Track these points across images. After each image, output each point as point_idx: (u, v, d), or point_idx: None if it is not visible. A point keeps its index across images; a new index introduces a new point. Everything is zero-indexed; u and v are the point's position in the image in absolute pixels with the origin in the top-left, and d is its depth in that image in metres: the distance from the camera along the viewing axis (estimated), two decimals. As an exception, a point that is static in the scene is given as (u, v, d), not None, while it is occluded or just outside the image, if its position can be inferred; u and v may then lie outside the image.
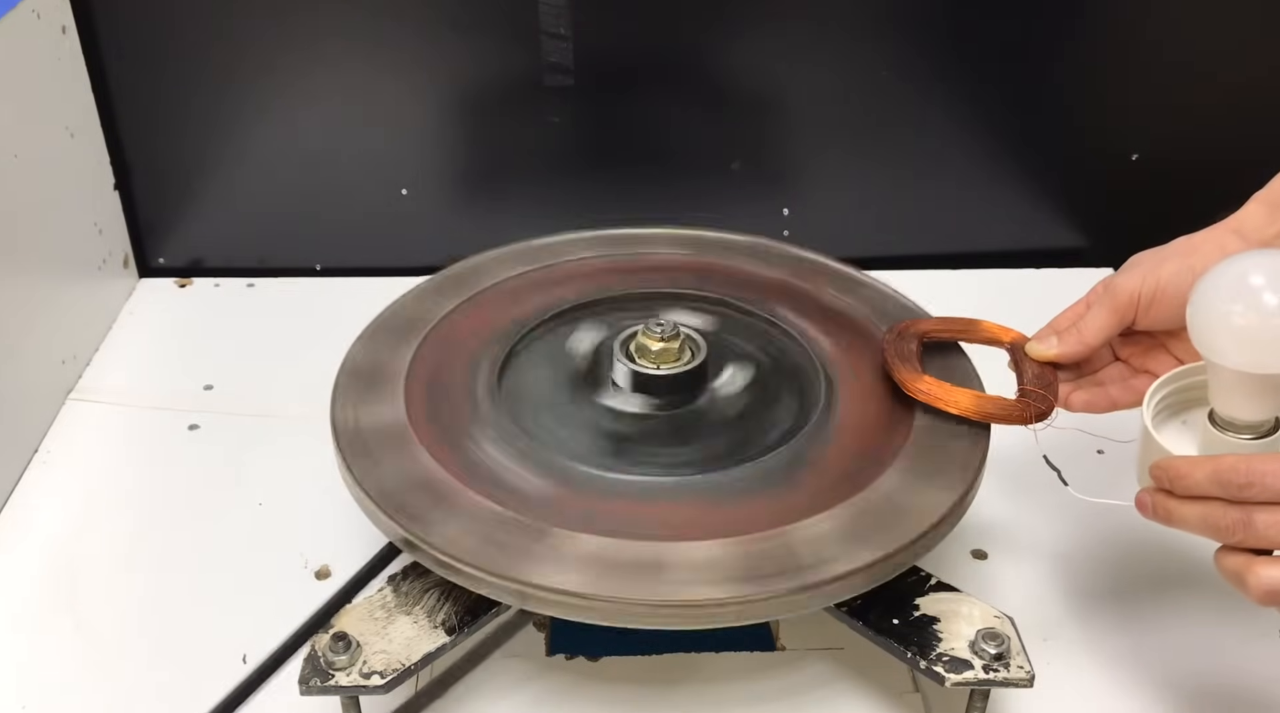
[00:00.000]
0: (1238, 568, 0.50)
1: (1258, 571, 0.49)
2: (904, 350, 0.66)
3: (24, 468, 0.79)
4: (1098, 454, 0.80)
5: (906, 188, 1.01)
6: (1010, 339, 0.67)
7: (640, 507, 0.59)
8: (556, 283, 0.76)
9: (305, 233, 1.01)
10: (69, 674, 0.64)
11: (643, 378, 0.67)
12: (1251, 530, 0.49)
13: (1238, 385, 0.52)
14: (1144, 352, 0.64)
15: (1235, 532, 0.50)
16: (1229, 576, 0.51)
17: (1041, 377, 0.63)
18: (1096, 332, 0.62)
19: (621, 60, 0.95)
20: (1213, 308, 0.51)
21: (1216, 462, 0.50)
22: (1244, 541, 0.50)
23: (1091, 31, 0.94)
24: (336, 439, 0.63)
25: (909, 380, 0.64)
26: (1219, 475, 0.50)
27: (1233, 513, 0.50)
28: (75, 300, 0.90)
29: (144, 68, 0.93)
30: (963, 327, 0.69)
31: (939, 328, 0.69)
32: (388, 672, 0.54)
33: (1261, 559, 0.50)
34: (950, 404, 0.63)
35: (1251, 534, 0.49)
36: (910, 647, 0.56)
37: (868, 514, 0.58)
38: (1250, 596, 0.50)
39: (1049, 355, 0.64)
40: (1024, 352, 0.65)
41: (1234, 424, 0.53)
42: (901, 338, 0.67)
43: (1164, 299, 0.60)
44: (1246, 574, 0.50)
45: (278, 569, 0.71)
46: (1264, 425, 0.53)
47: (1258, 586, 0.49)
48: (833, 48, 0.95)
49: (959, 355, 0.69)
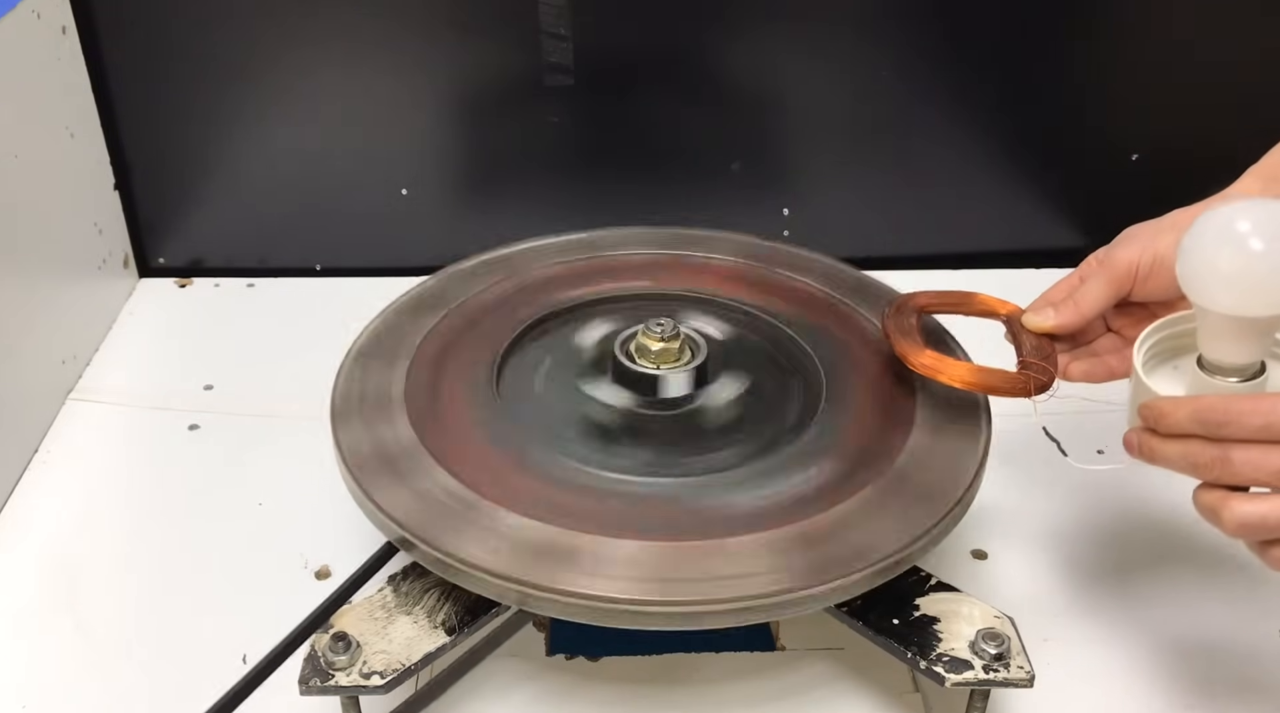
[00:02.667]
0: (1213, 503, 0.52)
1: (1232, 505, 0.51)
2: (904, 325, 0.66)
3: (24, 468, 0.79)
4: (1098, 454, 0.80)
5: (906, 188, 1.00)
6: (1006, 311, 0.67)
7: (643, 508, 0.59)
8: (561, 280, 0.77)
9: (305, 233, 1.01)
10: (69, 674, 0.64)
11: (641, 377, 0.67)
12: (1228, 467, 0.51)
13: (1224, 329, 0.53)
14: (1135, 323, 0.64)
15: (1213, 469, 0.51)
16: (1205, 511, 0.53)
17: (1040, 349, 0.63)
18: (1093, 303, 0.63)
19: (621, 60, 0.95)
20: (1200, 253, 0.52)
21: (1197, 401, 0.52)
22: (1220, 477, 0.51)
23: (1092, 31, 0.94)
24: (336, 439, 0.63)
25: (910, 354, 0.64)
26: (1199, 414, 0.51)
27: (1211, 450, 0.51)
28: (75, 300, 0.90)
29: (144, 68, 0.93)
30: (959, 299, 0.69)
31: (936, 301, 0.69)
32: (388, 672, 0.54)
33: (1236, 495, 0.51)
34: (952, 377, 0.63)
35: (1228, 471, 0.51)
36: (910, 647, 0.56)
37: (865, 513, 0.58)
38: (1225, 528, 0.51)
39: (1046, 327, 0.64)
40: (1021, 324, 0.65)
41: (1221, 367, 0.54)
42: (900, 312, 0.67)
43: (1161, 271, 0.61)
44: (1221, 509, 0.51)
45: (278, 569, 0.71)
46: (1250, 369, 0.54)
47: (1231, 519, 0.51)
48: (833, 48, 0.95)
49: (950, 343, 0.69)
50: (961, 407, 0.65)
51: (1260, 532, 0.51)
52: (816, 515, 0.58)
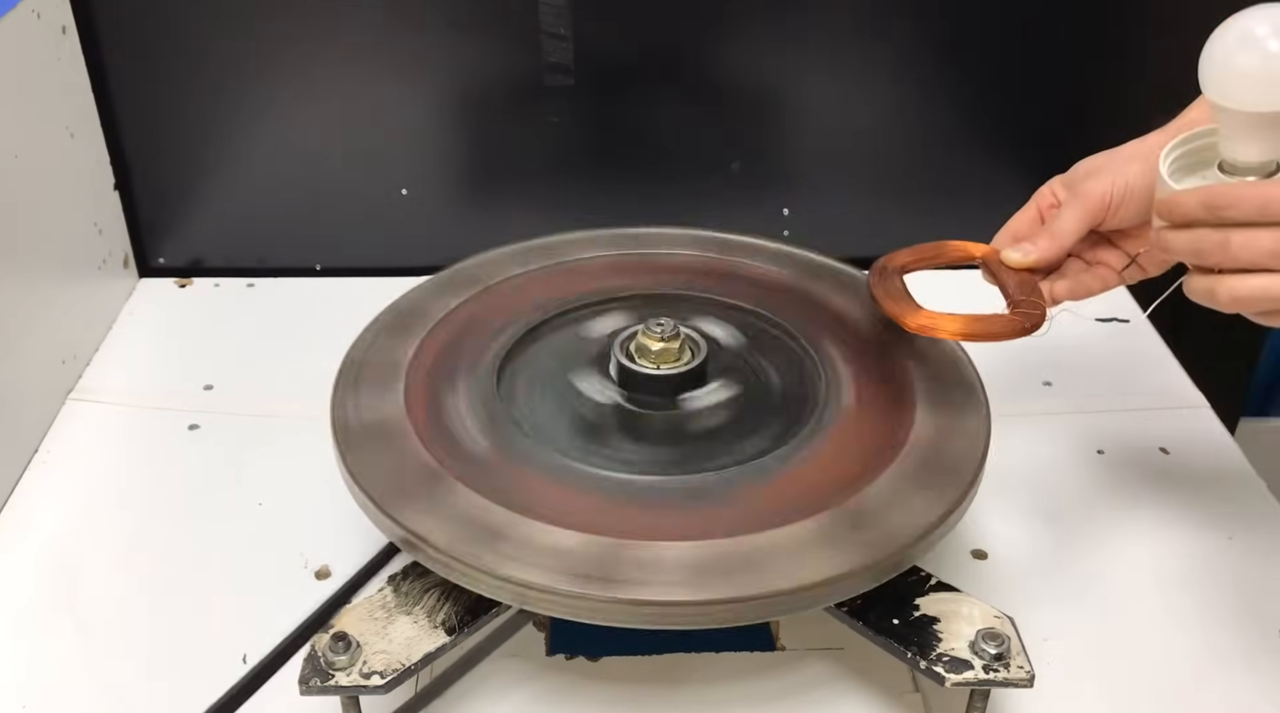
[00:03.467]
0: (1209, 285, 0.54)
1: (1228, 282, 0.53)
2: (891, 288, 0.67)
3: (24, 468, 0.79)
4: (1098, 454, 0.80)
5: (907, 188, 1.00)
6: (981, 253, 0.68)
7: (642, 507, 0.59)
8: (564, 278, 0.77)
9: (305, 233, 1.01)
10: (69, 674, 0.64)
11: (641, 378, 0.67)
12: (1227, 251, 0.53)
13: (1244, 126, 0.56)
14: (1091, 246, 0.67)
15: (1214, 253, 0.53)
16: (1200, 294, 0.55)
17: (1024, 284, 0.64)
18: (1070, 234, 0.64)
19: (621, 60, 0.95)
20: (1222, 54, 0.55)
21: (1207, 188, 0.54)
22: (1221, 262, 0.53)
23: (1092, 31, 0.94)
24: (336, 439, 0.63)
25: (905, 315, 0.65)
26: (1207, 199, 0.53)
27: (1214, 235, 0.53)
28: (75, 300, 0.90)
29: (144, 68, 0.93)
30: (933, 251, 0.70)
31: (914, 258, 0.70)
32: (388, 672, 0.54)
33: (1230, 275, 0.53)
34: (950, 332, 0.63)
35: (1227, 254, 0.53)
36: (910, 647, 0.56)
37: (867, 514, 0.58)
38: (1220, 302, 0.54)
39: (1028, 262, 0.65)
40: (1000, 262, 0.66)
41: (1239, 167, 0.57)
42: (884, 276, 0.68)
43: (1132, 200, 0.63)
44: (1217, 287, 0.53)
45: (278, 569, 0.71)
46: (1268, 166, 0.57)
47: (1227, 293, 0.53)
48: (833, 48, 0.95)
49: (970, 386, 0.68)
50: (963, 408, 0.65)
51: (1254, 304, 0.53)
52: (817, 515, 0.58)
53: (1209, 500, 0.76)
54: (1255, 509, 0.76)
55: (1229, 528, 0.74)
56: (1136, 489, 0.77)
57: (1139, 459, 0.79)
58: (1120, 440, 0.80)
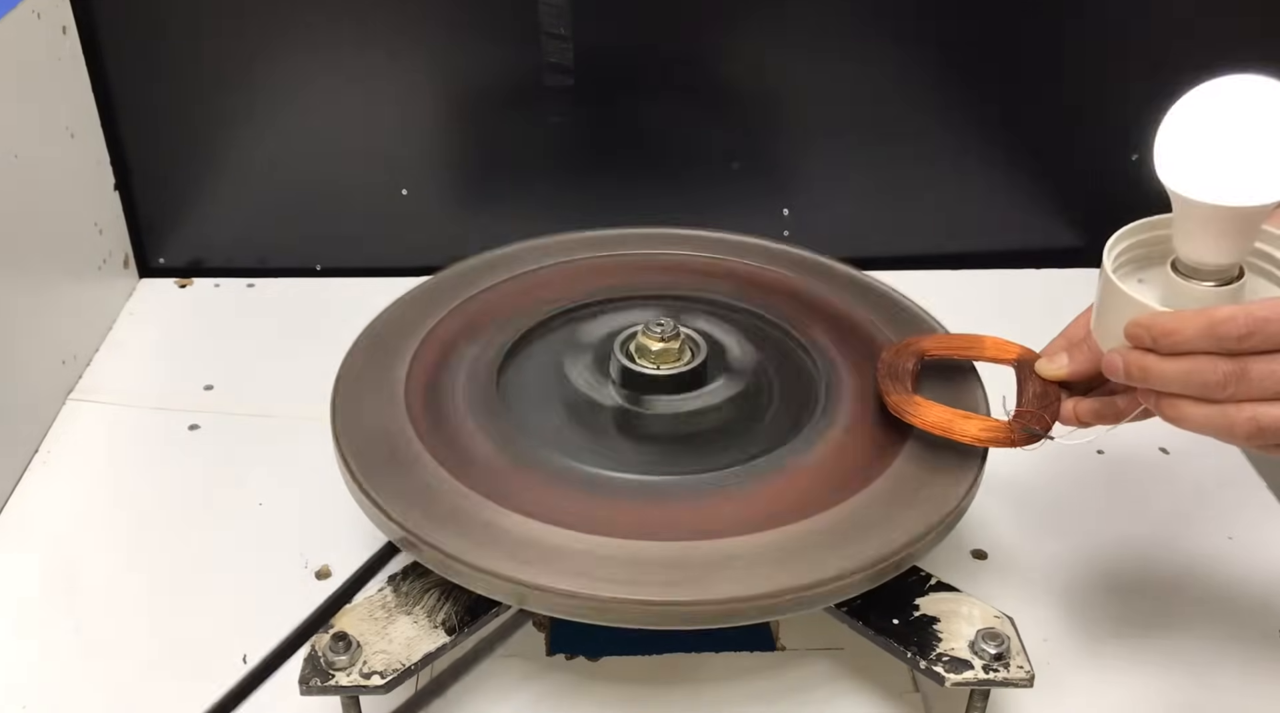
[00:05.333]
0: (1224, 416, 0.47)
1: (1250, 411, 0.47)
2: (898, 368, 0.64)
3: (24, 468, 0.79)
4: (1098, 454, 0.80)
5: (906, 188, 1.00)
6: (1015, 356, 0.63)
7: (642, 507, 0.59)
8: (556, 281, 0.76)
9: (305, 233, 1.01)
10: (69, 674, 0.64)
11: (641, 378, 0.67)
12: (1245, 382, 0.46)
13: (1208, 224, 0.49)
14: None
15: (1227, 385, 0.47)
16: (1202, 424, 0.48)
17: (1044, 396, 0.59)
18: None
19: (621, 60, 0.95)
20: (1183, 140, 0.48)
21: (1210, 314, 0.47)
22: (1235, 394, 0.47)
23: (1091, 31, 0.94)
24: (336, 438, 0.63)
25: (899, 403, 0.62)
26: (1214, 328, 0.46)
27: (1224, 366, 0.47)
28: (75, 300, 0.90)
29: (144, 68, 0.93)
30: (965, 344, 0.66)
31: (940, 346, 0.67)
32: (388, 672, 0.54)
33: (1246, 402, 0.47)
34: (922, 421, 0.61)
35: (1245, 386, 0.46)
36: (910, 647, 0.56)
37: (867, 514, 0.58)
38: (1238, 436, 0.48)
39: (1060, 376, 0.59)
40: (1031, 370, 0.61)
41: (1200, 270, 0.50)
42: (899, 356, 0.66)
43: None
44: (1236, 417, 0.47)
45: (278, 569, 0.71)
46: (1230, 270, 0.50)
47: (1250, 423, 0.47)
48: (833, 48, 0.95)
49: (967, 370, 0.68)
50: (963, 408, 0.65)
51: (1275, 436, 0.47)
52: (817, 515, 0.58)
53: (1209, 500, 0.76)
54: (1255, 509, 0.76)
55: (1229, 528, 0.74)
56: (1136, 489, 0.77)
57: (1139, 459, 0.79)
58: (1120, 440, 0.80)
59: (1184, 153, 0.48)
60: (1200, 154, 0.48)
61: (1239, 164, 0.47)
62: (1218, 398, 0.48)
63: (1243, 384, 0.47)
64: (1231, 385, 0.47)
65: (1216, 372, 0.47)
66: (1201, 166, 0.48)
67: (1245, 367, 0.46)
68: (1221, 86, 0.48)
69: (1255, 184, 0.47)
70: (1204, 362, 0.47)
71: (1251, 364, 0.46)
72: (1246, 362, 0.47)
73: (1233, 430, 0.48)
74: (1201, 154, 0.47)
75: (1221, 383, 0.47)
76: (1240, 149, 0.47)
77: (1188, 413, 0.49)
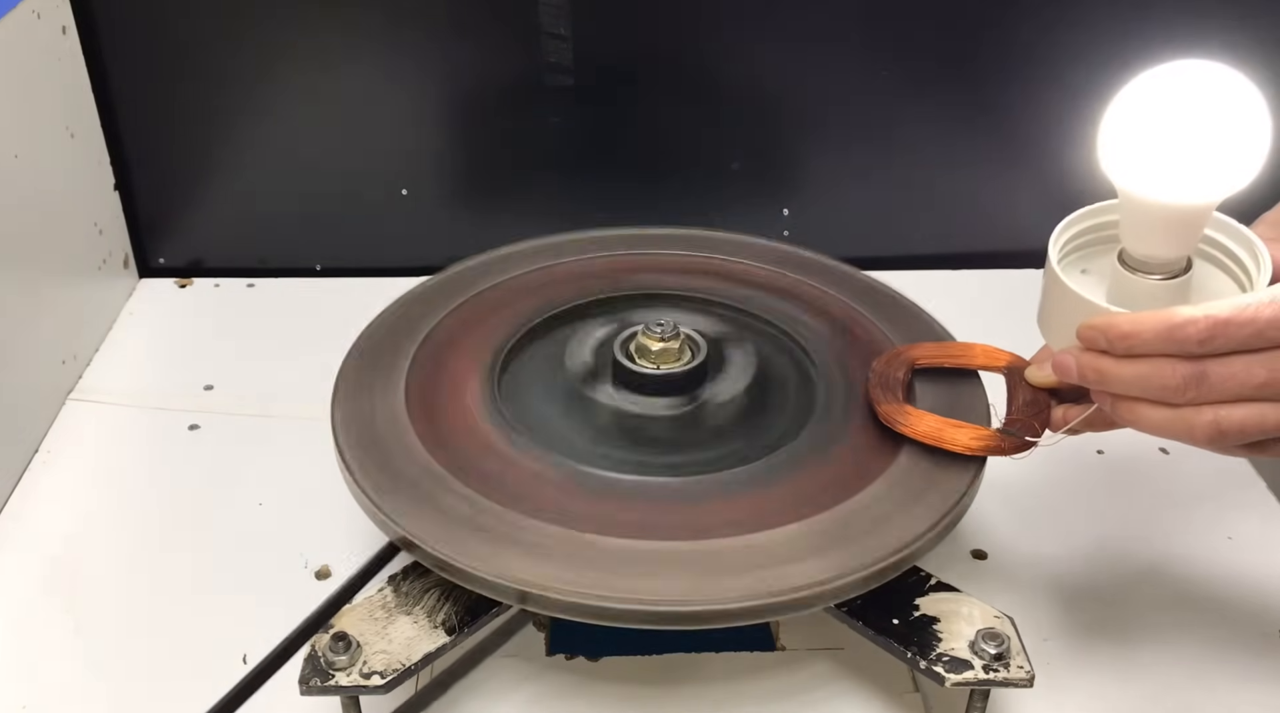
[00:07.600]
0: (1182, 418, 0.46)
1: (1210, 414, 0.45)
2: (889, 378, 0.64)
3: (24, 468, 0.79)
4: (1098, 454, 0.80)
5: (906, 188, 1.00)
6: (1005, 363, 0.63)
7: (642, 507, 0.59)
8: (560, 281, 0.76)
9: (305, 233, 1.01)
10: (69, 674, 0.64)
11: (641, 378, 0.67)
12: (1205, 385, 0.45)
13: (1157, 219, 0.47)
14: None
15: (1186, 390, 0.45)
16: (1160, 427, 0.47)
17: (1034, 403, 0.60)
18: None
19: (621, 60, 0.95)
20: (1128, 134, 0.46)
21: (1168, 317, 0.45)
22: (1195, 398, 0.46)
23: (1091, 31, 0.94)
24: (336, 438, 0.63)
25: (890, 412, 0.62)
26: (1174, 332, 0.45)
27: (1183, 369, 0.45)
28: (75, 300, 0.90)
29: (144, 68, 0.93)
30: (956, 352, 0.67)
31: (930, 355, 0.67)
32: (388, 672, 0.54)
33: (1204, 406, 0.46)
34: (923, 435, 0.61)
35: (1205, 390, 0.45)
36: (910, 647, 0.56)
37: (867, 514, 0.58)
38: (1198, 438, 0.46)
39: (1049, 383, 0.59)
40: (1021, 377, 0.61)
41: (1148, 264, 0.49)
42: (889, 365, 0.65)
43: None
44: (1195, 421, 0.46)
45: (278, 569, 0.71)
46: (1178, 264, 0.49)
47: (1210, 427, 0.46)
48: (833, 47, 0.95)
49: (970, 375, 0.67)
50: (963, 407, 0.65)
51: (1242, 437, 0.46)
52: (817, 515, 0.58)
53: (1209, 500, 0.76)
54: (1255, 509, 0.76)
55: (1229, 528, 0.74)
56: (1136, 489, 0.77)
57: (1139, 459, 0.79)
58: (1120, 440, 0.80)
59: (1129, 148, 0.46)
60: (1146, 149, 0.46)
61: (1186, 159, 0.45)
62: (1176, 402, 0.47)
63: (1203, 387, 0.46)
64: (1191, 389, 0.46)
65: (1175, 375, 0.46)
66: (1147, 162, 0.46)
67: (1204, 370, 0.45)
68: (1165, 74, 0.46)
69: (1203, 180, 0.46)
70: (1162, 365, 0.46)
71: (1211, 366, 0.45)
72: (1205, 364, 0.45)
73: (1192, 434, 0.47)
74: (1147, 149, 0.46)
75: (1181, 387, 0.46)
76: (1187, 143, 0.45)
77: (1145, 416, 0.48)
